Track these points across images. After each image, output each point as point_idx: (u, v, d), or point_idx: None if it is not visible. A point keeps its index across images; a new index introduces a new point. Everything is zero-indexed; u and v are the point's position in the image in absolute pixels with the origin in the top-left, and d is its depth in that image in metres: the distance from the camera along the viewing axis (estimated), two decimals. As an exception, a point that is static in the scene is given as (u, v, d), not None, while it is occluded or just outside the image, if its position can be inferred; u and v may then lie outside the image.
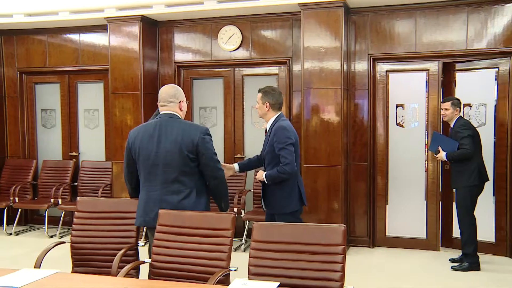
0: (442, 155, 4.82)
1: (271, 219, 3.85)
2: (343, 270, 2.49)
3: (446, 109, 4.88)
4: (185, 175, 3.12)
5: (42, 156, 7.08)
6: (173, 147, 3.09)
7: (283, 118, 3.87)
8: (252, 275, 2.63)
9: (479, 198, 5.31)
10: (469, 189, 4.81)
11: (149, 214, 3.13)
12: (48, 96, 7.05)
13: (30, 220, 7.08)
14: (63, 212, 6.44)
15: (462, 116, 5.05)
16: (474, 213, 4.85)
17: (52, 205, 6.38)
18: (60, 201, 6.36)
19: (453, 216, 5.48)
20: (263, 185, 3.86)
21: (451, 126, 4.93)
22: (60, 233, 6.42)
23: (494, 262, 5.09)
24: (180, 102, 3.25)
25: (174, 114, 3.22)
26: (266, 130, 3.91)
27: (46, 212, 6.42)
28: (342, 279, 2.48)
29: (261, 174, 3.79)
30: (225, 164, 3.89)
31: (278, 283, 2.37)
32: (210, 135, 3.19)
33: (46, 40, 6.78)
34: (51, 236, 6.35)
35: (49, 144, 7.08)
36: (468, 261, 4.81)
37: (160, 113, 3.25)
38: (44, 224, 6.47)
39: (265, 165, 3.86)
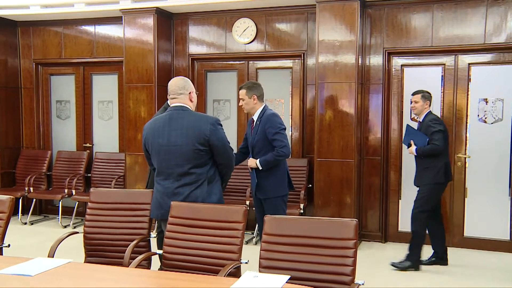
0: (413, 149, 4.67)
1: (260, 205, 4.12)
2: (354, 264, 2.48)
3: (416, 102, 4.71)
4: (197, 167, 3.12)
5: (57, 147, 7.15)
6: (183, 141, 3.09)
7: (269, 108, 4.13)
8: (263, 268, 2.63)
9: (493, 197, 5.27)
10: (433, 187, 4.65)
11: (164, 207, 3.14)
12: (63, 88, 7.10)
13: (44, 210, 7.17)
14: (77, 203, 6.51)
15: (435, 111, 4.95)
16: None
17: (66, 196, 6.44)
18: (74, 191, 6.42)
19: (464, 213, 5.43)
20: (255, 172, 4.04)
21: (420, 120, 4.77)
22: (73, 224, 6.48)
23: (509, 259, 5.04)
24: (190, 93, 3.23)
25: (184, 106, 3.20)
26: (253, 121, 4.12)
27: (60, 202, 6.49)
28: (353, 273, 2.47)
29: (253, 161, 4.01)
30: None
31: (289, 276, 2.36)
32: (221, 125, 3.18)
33: (62, 32, 6.83)
34: (65, 226, 6.42)
35: (64, 135, 7.14)
36: (411, 259, 4.70)
37: (171, 105, 3.25)
38: (58, 214, 6.54)
39: (255, 154, 4.06)
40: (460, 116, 5.41)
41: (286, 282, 2.28)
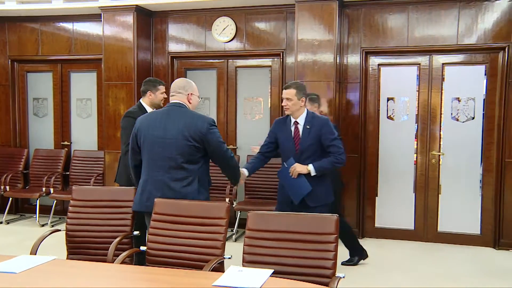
0: None
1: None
2: (335, 258, 2.56)
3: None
4: (188, 163, 3.18)
5: (34, 145, 7.06)
6: (179, 135, 3.15)
7: (313, 112, 3.94)
8: (247, 262, 2.69)
9: (465, 193, 5.51)
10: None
11: (151, 199, 3.17)
12: (40, 85, 7.02)
13: (20, 209, 7.07)
14: (55, 201, 6.45)
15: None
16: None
17: (44, 194, 6.38)
18: (52, 190, 6.37)
19: (438, 209, 5.60)
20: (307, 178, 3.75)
21: None
22: (51, 222, 6.42)
23: (479, 252, 5.24)
24: (188, 94, 3.31)
25: (182, 103, 3.28)
26: (296, 124, 3.85)
27: (38, 201, 6.42)
28: (334, 267, 2.55)
29: (304, 167, 3.73)
30: None
31: (272, 270, 2.42)
32: (216, 126, 3.27)
33: (39, 28, 6.75)
34: (43, 225, 6.35)
35: (41, 133, 7.06)
36: (357, 255, 4.81)
37: (170, 102, 3.34)
38: (35, 213, 6.46)
39: (302, 159, 3.78)
40: (434, 114, 5.57)
41: (270, 276, 2.35)
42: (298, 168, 3.75)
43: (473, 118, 5.48)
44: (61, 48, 6.67)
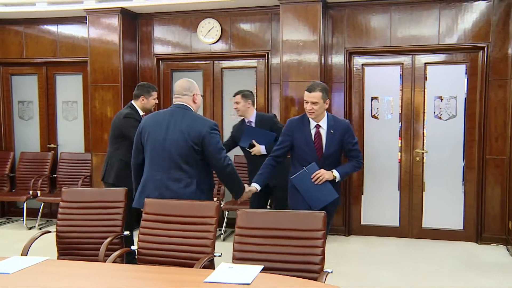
0: (261, 148, 4.43)
1: None
2: (323, 254, 2.63)
3: (237, 103, 4.62)
4: (188, 165, 3.22)
5: (20, 148, 7.01)
6: (180, 136, 3.20)
7: (333, 115, 3.82)
8: (237, 259, 2.74)
9: (448, 190, 5.61)
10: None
11: (149, 197, 3.20)
12: (25, 88, 6.98)
13: (7, 212, 7.03)
14: (42, 204, 6.43)
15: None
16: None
17: (31, 197, 6.35)
18: (39, 193, 6.35)
19: (423, 206, 5.71)
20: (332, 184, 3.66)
21: (251, 120, 4.61)
22: (39, 225, 6.40)
23: (462, 247, 5.36)
24: (194, 95, 3.38)
25: (186, 105, 3.34)
26: (317, 128, 3.70)
27: (25, 204, 6.39)
28: (322, 262, 2.62)
29: (330, 174, 3.64)
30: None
31: (262, 266, 2.48)
32: (218, 130, 3.30)
33: (23, 31, 6.72)
34: (30, 228, 6.33)
35: (27, 136, 7.02)
36: None
37: (174, 103, 3.39)
38: (22, 216, 6.43)
39: (326, 165, 3.67)
40: (417, 113, 5.68)
41: (260, 272, 2.40)
42: (326, 175, 3.62)
43: (455, 116, 5.60)
44: (46, 50, 6.65)
